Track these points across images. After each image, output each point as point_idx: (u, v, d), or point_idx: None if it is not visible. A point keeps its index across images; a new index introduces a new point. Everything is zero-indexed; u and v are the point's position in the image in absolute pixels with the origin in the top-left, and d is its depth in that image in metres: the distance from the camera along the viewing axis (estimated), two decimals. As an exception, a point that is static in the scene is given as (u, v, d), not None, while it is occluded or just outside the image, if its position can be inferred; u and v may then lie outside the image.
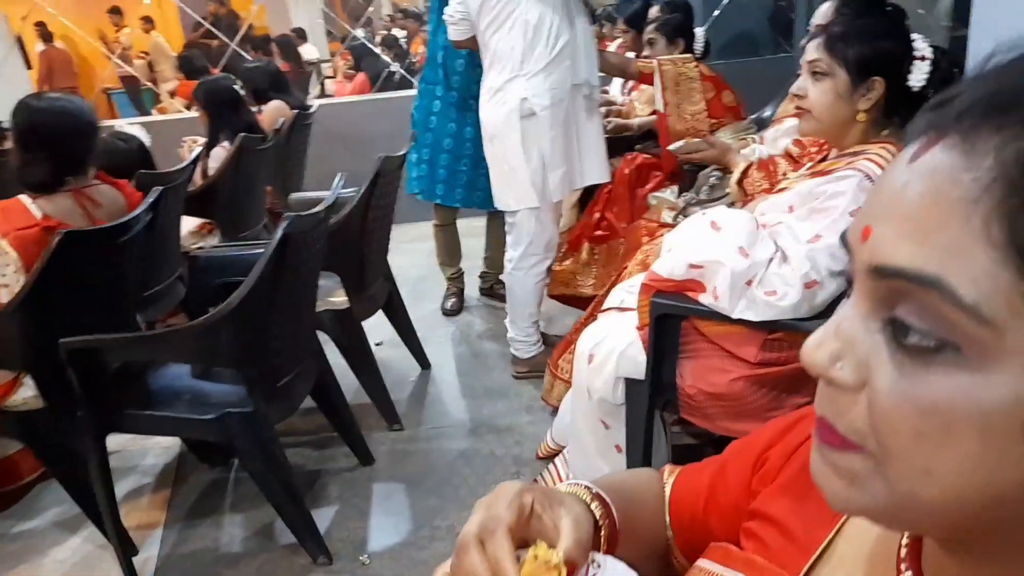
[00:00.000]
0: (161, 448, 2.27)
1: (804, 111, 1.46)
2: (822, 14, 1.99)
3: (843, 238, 0.40)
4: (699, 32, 2.83)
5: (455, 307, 3.11)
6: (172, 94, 5.68)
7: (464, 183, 2.79)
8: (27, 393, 1.75)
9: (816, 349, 0.37)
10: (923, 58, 1.38)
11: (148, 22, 7.77)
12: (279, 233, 1.59)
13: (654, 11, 2.87)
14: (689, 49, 2.75)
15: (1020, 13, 1.36)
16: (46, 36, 7.59)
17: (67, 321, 1.73)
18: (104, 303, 1.87)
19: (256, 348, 1.69)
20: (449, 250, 3.09)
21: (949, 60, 1.44)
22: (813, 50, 1.42)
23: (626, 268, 2.03)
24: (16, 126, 1.78)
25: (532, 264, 2.38)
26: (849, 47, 1.37)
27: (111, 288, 1.89)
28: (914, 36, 1.41)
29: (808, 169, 1.59)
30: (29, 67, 6.24)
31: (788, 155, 1.90)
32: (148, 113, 6.30)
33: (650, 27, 2.78)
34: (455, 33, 2.32)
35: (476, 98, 2.50)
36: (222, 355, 1.69)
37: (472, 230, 3.21)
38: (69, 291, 1.73)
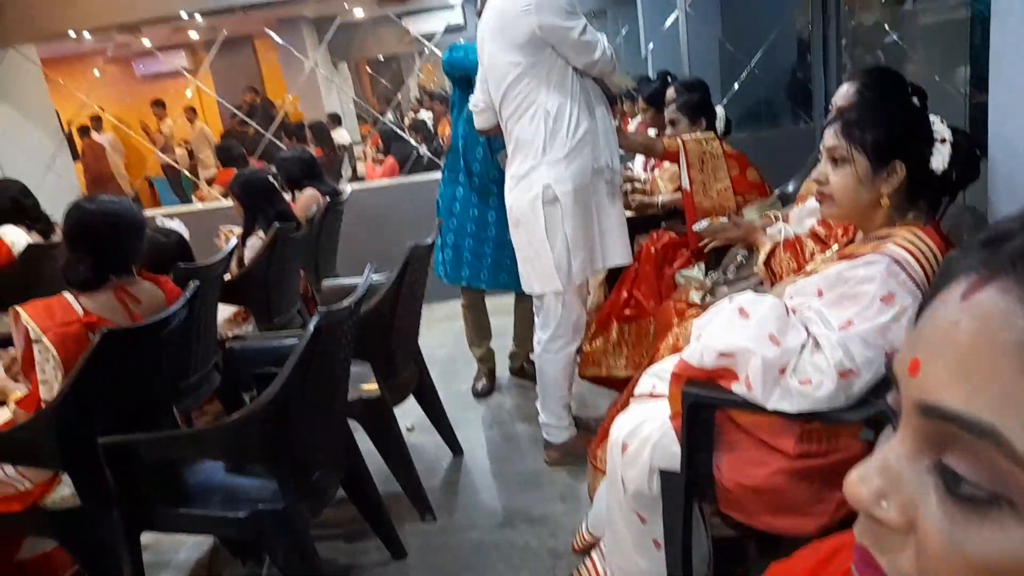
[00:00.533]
0: (194, 543, 2.26)
1: (826, 196, 1.46)
2: (842, 95, 2.01)
3: (888, 366, 0.40)
4: (720, 110, 2.88)
5: (485, 388, 3.10)
6: (210, 182, 5.90)
7: (489, 265, 2.84)
8: (65, 492, 1.77)
9: (860, 484, 0.36)
10: (943, 140, 1.39)
11: (192, 112, 8.16)
12: (311, 328, 1.62)
13: (671, 92, 2.94)
14: (711, 127, 2.79)
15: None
16: (97, 128, 8.01)
17: (104, 418, 1.76)
18: (141, 398, 1.91)
19: (287, 443, 1.69)
20: (478, 330, 3.10)
21: (969, 141, 1.45)
22: (831, 136, 1.43)
23: (658, 351, 2.02)
24: (66, 226, 1.86)
25: (561, 346, 2.38)
26: (866, 133, 1.38)
27: (148, 383, 1.93)
28: (932, 118, 1.42)
29: (835, 252, 1.58)
30: (76, 158, 6.56)
31: (815, 235, 1.90)
32: (188, 200, 6.55)
33: (671, 107, 2.83)
34: (480, 121, 2.40)
35: (496, 183, 2.61)
36: (253, 452, 1.69)
37: (502, 308, 3.23)
38: (107, 388, 1.77)
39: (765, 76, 4.46)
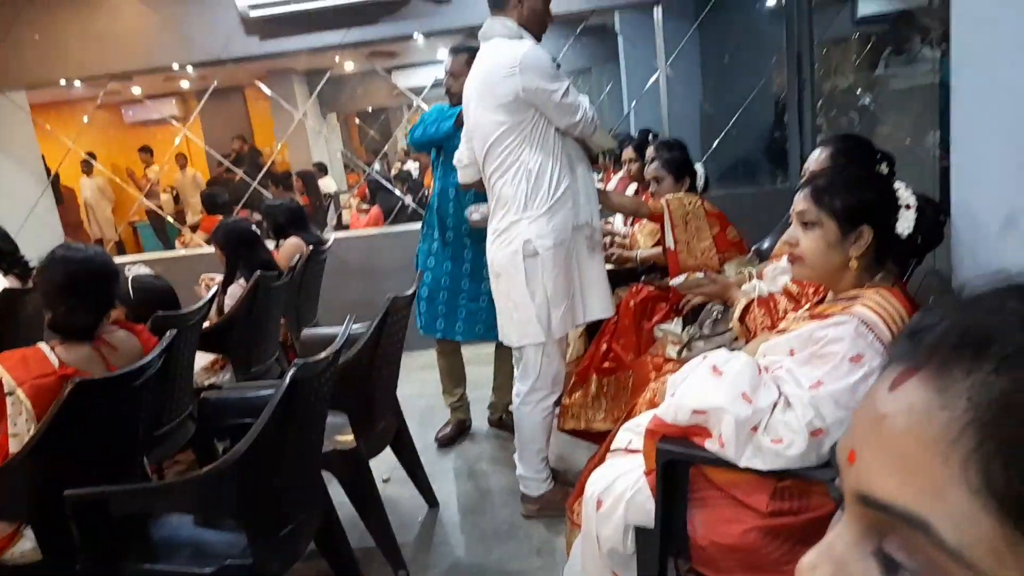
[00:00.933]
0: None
1: (797, 258, 1.50)
2: (815, 160, 2.08)
3: (832, 452, 0.41)
4: (699, 168, 2.95)
5: (447, 438, 3.10)
6: (194, 228, 5.91)
7: (464, 317, 2.90)
8: (26, 546, 1.72)
9: (810, 572, 0.38)
10: (908, 206, 1.44)
11: (183, 158, 8.22)
12: (287, 379, 1.61)
13: (650, 151, 3.01)
14: (693, 185, 2.87)
15: (997, 146, 1.42)
16: (87, 172, 8.04)
17: (72, 469, 1.73)
18: (112, 449, 1.88)
19: (260, 497, 1.67)
20: (451, 378, 3.13)
21: (933, 206, 1.50)
22: (801, 201, 1.48)
23: (635, 405, 2.02)
24: (50, 278, 1.84)
25: (540, 399, 2.38)
26: (835, 198, 1.43)
27: (120, 433, 1.90)
28: (898, 184, 1.48)
29: (807, 311, 1.61)
30: (60, 202, 6.55)
31: (788, 293, 1.94)
32: (172, 246, 6.54)
33: (654, 164, 2.89)
34: (464, 176, 2.46)
35: (469, 238, 2.78)
36: (225, 505, 1.67)
37: (483, 357, 3.23)
38: (77, 439, 1.74)
39: (743, 136, 4.59)
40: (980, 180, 1.50)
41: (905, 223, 1.44)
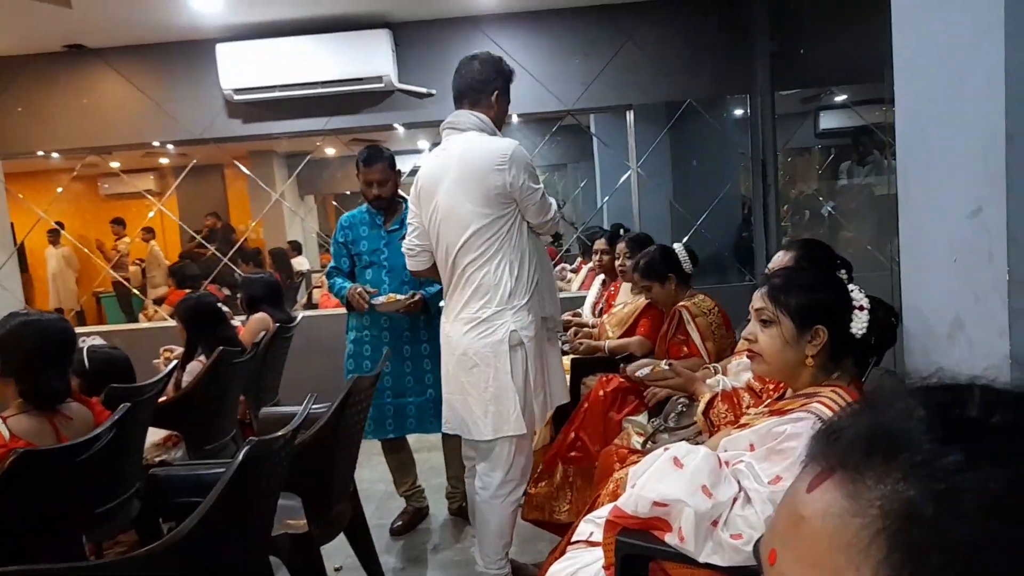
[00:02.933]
0: None
1: (755, 354, 1.53)
2: (777, 260, 2.15)
3: (755, 552, 0.42)
4: (679, 248, 2.85)
5: (400, 528, 3.00)
6: (160, 301, 5.84)
7: (392, 414, 2.88)
8: (-56, 629, 1.60)
9: None
10: (861, 308, 1.49)
11: (148, 232, 8.20)
12: (239, 457, 1.57)
13: (621, 246, 3.08)
14: (682, 276, 2.81)
15: (941, 252, 1.49)
16: (54, 242, 7.98)
17: (7, 543, 1.64)
18: (51, 526, 1.79)
19: (201, 582, 1.59)
20: (401, 470, 3.07)
21: (885, 309, 1.56)
22: (759, 299, 1.52)
23: (598, 496, 1.99)
24: (11, 346, 1.80)
25: (510, 490, 2.32)
26: (790, 297, 1.48)
27: (61, 508, 1.82)
28: (852, 287, 1.53)
29: (767, 406, 1.63)
30: (24, 271, 6.46)
31: (750, 388, 1.96)
32: (135, 319, 6.44)
33: (636, 275, 2.84)
34: (416, 264, 2.44)
35: (409, 331, 2.89)
36: (164, 590, 1.58)
37: (426, 442, 3.17)
38: (16, 512, 1.66)
39: (711, 234, 4.74)
40: (927, 285, 1.57)
41: (859, 324, 1.49)
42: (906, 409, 0.37)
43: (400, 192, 2.97)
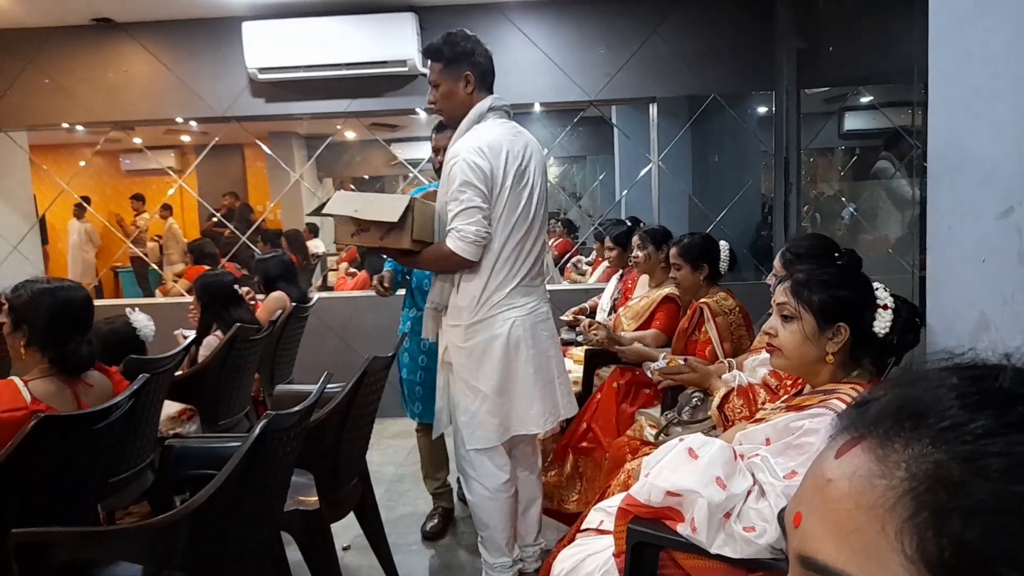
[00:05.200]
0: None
1: (775, 349, 1.52)
2: (776, 258, 2.15)
3: (780, 517, 0.42)
4: (724, 244, 2.74)
5: (436, 529, 2.84)
6: (178, 276, 5.89)
7: (421, 397, 2.76)
8: (-39, 587, 1.63)
9: None
10: (885, 307, 1.47)
11: (166, 209, 8.27)
12: (256, 431, 1.58)
13: (635, 239, 3.06)
14: (714, 271, 2.72)
15: (967, 251, 1.47)
16: (79, 216, 8.07)
17: (23, 508, 1.66)
18: (67, 491, 1.81)
19: (214, 551, 1.60)
20: (433, 460, 2.88)
21: (910, 308, 1.54)
22: (781, 294, 1.51)
23: (609, 486, 1.99)
24: (36, 313, 1.81)
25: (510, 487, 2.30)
26: (813, 293, 1.47)
27: (77, 475, 1.84)
28: (876, 285, 1.52)
29: (784, 402, 1.62)
30: (45, 243, 6.53)
31: (766, 385, 1.95)
32: (152, 294, 6.49)
33: (673, 250, 2.75)
34: (477, 255, 2.15)
35: None
36: (176, 558, 1.59)
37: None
38: (32, 476, 1.68)
39: (730, 230, 4.70)
40: (953, 285, 1.55)
41: (882, 323, 1.47)
42: (938, 380, 0.38)
43: None
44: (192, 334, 3.03)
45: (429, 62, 2.24)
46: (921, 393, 0.37)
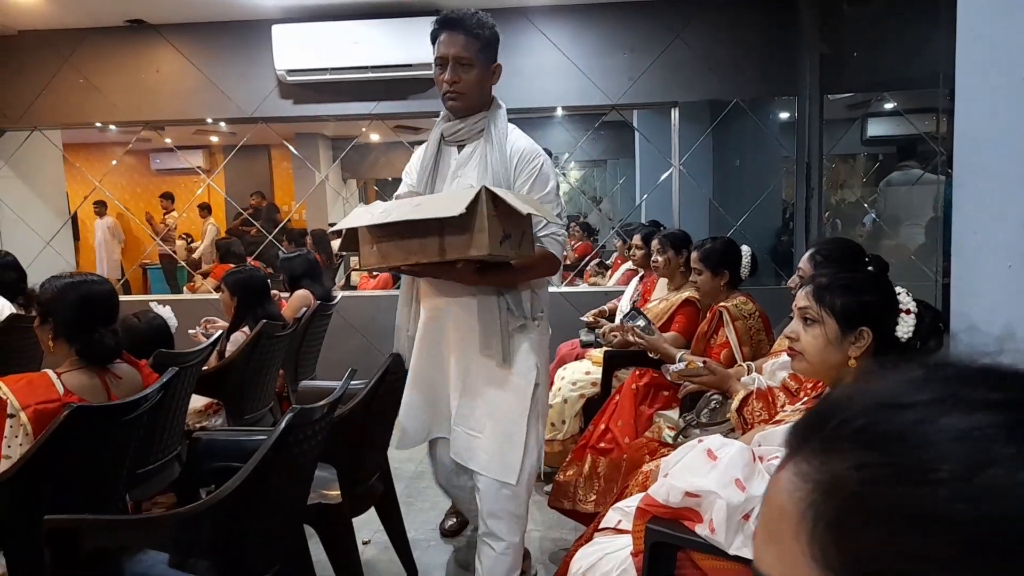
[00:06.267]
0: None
1: (796, 353, 1.52)
2: (804, 260, 2.14)
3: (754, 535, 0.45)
4: (747, 250, 2.75)
5: (453, 528, 2.82)
6: (205, 275, 5.99)
7: None
8: (-4, 571, 1.69)
9: None
10: (908, 312, 1.48)
11: (205, 209, 8.41)
12: (282, 424, 1.62)
13: (655, 243, 3.07)
14: (735, 277, 2.73)
15: (994, 258, 1.47)
16: (100, 213, 8.22)
17: (54, 497, 1.71)
18: (96, 480, 1.86)
19: (239, 541, 1.64)
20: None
21: (933, 314, 1.54)
22: (803, 298, 1.52)
23: (627, 486, 2.01)
24: (64, 306, 1.87)
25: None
26: (836, 297, 1.47)
27: (106, 465, 1.89)
28: (899, 290, 1.52)
29: (804, 404, 1.63)
30: (77, 239, 6.67)
31: (786, 388, 1.95)
32: (180, 291, 6.60)
33: (695, 254, 2.75)
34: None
35: None
36: (202, 546, 1.64)
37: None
38: (65, 466, 1.73)
39: (750, 235, 4.69)
40: (978, 291, 1.54)
41: (905, 328, 1.47)
42: (849, 393, 0.39)
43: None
44: (221, 321, 3.08)
45: (452, 35, 1.89)
46: (830, 406, 0.39)
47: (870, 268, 1.82)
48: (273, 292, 3.32)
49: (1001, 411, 0.34)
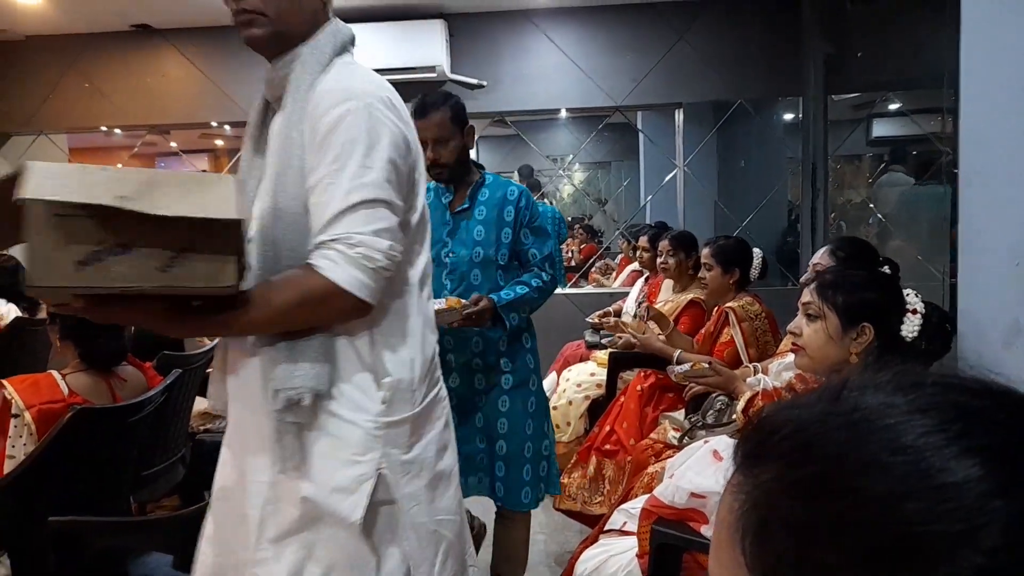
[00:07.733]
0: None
1: (799, 348, 1.52)
2: (820, 255, 2.13)
3: None
4: (758, 252, 2.74)
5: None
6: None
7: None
8: (0, 573, 1.69)
9: None
10: (914, 311, 1.47)
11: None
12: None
13: (663, 244, 3.06)
14: (744, 276, 2.73)
15: (1001, 257, 1.46)
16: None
17: (59, 498, 1.72)
18: (101, 482, 1.86)
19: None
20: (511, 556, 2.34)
21: (940, 315, 1.53)
22: (807, 293, 1.51)
23: (632, 488, 2.00)
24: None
25: None
26: (838, 293, 1.47)
27: (110, 466, 1.89)
28: (906, 290, 1.51)
29: (810, 405, 1.62)
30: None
31: (791, 388, 1.94)
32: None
33: (707, 250, 2.75)
34: None
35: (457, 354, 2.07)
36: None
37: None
38: (68, 467, 1.73)
39: (756, 236, 4.67)
40: (985, 290, 1.54)
41: (910, 327, 1.47)
42: (783, 405, 0.41)
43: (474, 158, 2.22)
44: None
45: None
46: (769, 420, 0.39)
47: (886, 268, 1.81)
48: None
49: (927, 434, 0.34)
